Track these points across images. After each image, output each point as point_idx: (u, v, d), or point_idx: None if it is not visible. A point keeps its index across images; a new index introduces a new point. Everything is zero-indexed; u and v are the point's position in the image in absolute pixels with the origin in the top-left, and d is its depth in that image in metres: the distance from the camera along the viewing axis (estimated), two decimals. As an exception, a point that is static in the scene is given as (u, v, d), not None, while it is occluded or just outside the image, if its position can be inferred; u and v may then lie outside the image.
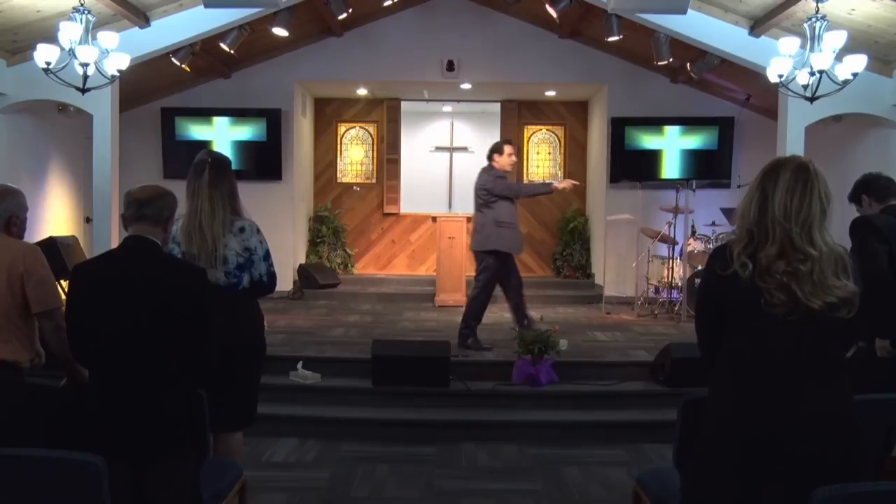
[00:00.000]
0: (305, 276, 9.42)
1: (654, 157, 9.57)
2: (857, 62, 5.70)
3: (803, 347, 2.04)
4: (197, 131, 9.47)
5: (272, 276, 3.31)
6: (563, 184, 6.11)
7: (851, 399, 2.10)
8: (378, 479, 4.28)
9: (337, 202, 10.72)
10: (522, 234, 6.11)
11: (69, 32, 5.62)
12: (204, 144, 8.93)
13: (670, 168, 9.57)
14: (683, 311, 7.79)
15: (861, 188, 3.73)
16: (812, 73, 5.64)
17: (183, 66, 7.60)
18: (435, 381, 5.31)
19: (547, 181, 5.84)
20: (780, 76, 5.89)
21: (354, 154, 10.97)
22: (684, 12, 6.37)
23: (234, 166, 3.43)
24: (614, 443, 4.91)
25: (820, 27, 5.58)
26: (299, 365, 5.48)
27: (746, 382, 2.09)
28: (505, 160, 6.09)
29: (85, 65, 5.67)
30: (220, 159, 3.28)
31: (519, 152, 10.64)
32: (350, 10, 7.74)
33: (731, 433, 2.08)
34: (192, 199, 3.18)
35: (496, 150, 6.16)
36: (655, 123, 9.52)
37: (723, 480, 2.09)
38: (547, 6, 7.30)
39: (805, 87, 5.81)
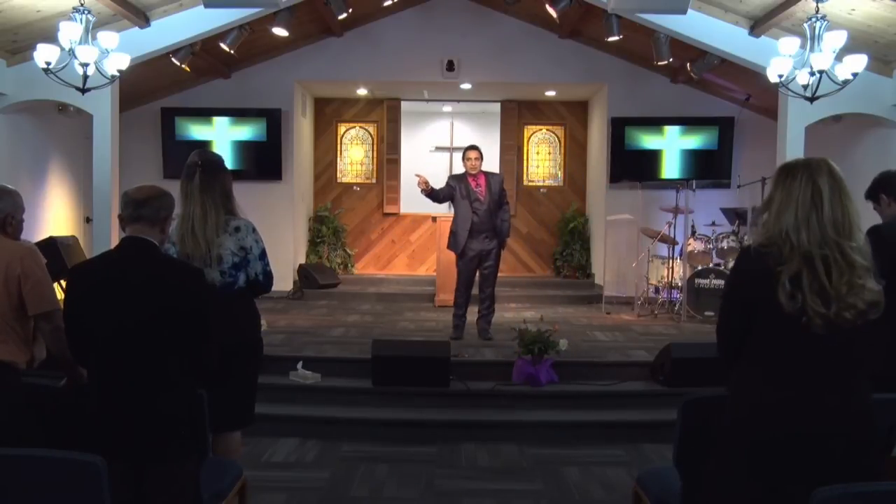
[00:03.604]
0: (305, 276, 9.42)
1: (654, 157, 9.57)
2: (857, 62, 5.70)
3: (835, 350, 2.06)
4: (197, 131, 9.47)
5: (268, 275, 3.30)
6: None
7: (871, 398, 2.12)
8: (378, 479, 4.28)
9: (337, 202, 10.73)
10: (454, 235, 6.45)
11: (69, 32, 5.62)
12: (204, 144, 8.94)
13: (670, 168, 9.57)
14: (683, 311, 7.78)
15: (879, 186, 3.57)
16: (812, 73, 5.64)
17: (183, 66, 7.60)
18: (435, 381, 5.31)
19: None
20: (780, 76, 5.90)
21: (354, 154, 10.96)
22: (684, 12, 6.37)
23: (233, 166, 3.43)
24: (614, 443, 4.91)
25: (820, 27, 5.58)
26: (299, 365, 5.47)
27: (776, 383, 2.09)
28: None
29: (85, 65, 5.67)
30: (211, 161, 3.26)
31: (519, 152, 10.71)
32: (350, 10, 7.74)
33: (758, 433, 2.09)
34: (185, 203, 3.17)
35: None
36: (655, 123, 9.52)
37: (747, 481, 2.09)
38: (547, 6, 7.30)
39: (805, 87, 5.81)
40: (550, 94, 10.32)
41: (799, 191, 2.08)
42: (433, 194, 6.39)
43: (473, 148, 6.52)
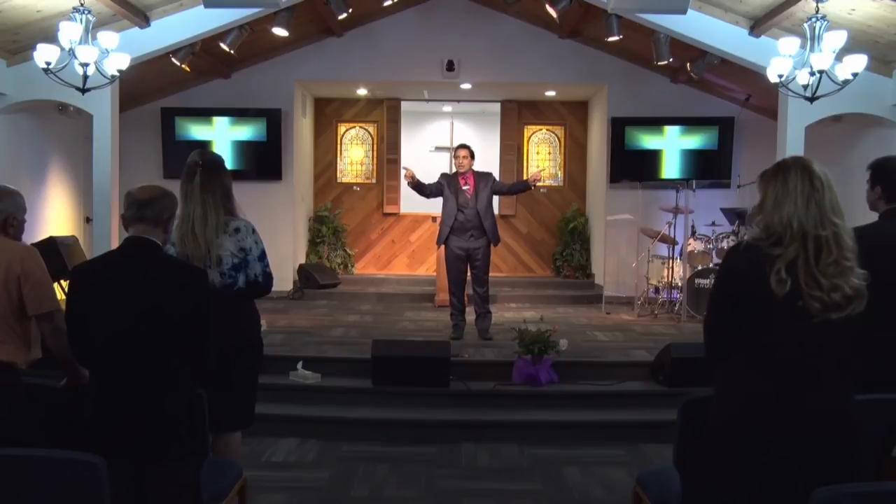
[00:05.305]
0: (305, 276, 9.42)
1: (654, 157, 9.57)
2: (857, 62, 5.70)
3: (823, 345, 2.07)
4: (197, 131, 9.47)
5: (268, 277, 3.29)
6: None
7: (854, 397, 2.13)
8: (378, 479, 4.28)
9: (337, 202, 10.72)
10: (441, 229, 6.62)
11: (69, 32, 5.62)
12: (204, 144, 8.93)
13: (670, 168, 9.57)
14: (683, 311, 7.78)
15: (879, 175, 3.19)
16: (812, 73, 5.64)
17: (183, 66, 7.60)
18: (435, 381, 5.31)
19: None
20: (780, 76, 5.90)
21: (354, 154, 10.96)
22: (684, 12, 6.37)
23: (233, 166, 3.43)
24: (614, 443, 4.91)
25: (820, 27, 5.58)
26: (299, 365, 5.47)
27: (766, 380, 2.09)
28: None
29: (85, 65, 5.68)
30: (211, 161, 3.25)
31: (519, 152, 10.72)
32: (350, 10, 7.73)
33: (748, 431, 2.09)
34: (185, 204, 3.15)
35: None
36: (655, 123, 9.52)
37: (736, 478, 2.10)
38: (547, 6, 7.30)
39: (805, 87, 5.81)
40: (550, 94, 10.31)
41: (796, 180, 2.11)
42: (419, 187, 6.49)
43: (463, 147, 6.66)
